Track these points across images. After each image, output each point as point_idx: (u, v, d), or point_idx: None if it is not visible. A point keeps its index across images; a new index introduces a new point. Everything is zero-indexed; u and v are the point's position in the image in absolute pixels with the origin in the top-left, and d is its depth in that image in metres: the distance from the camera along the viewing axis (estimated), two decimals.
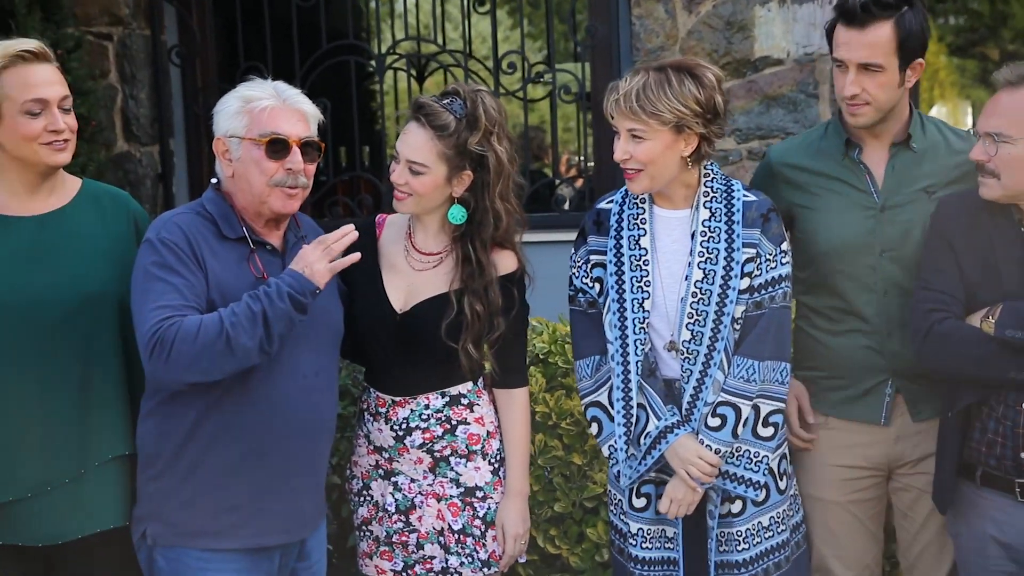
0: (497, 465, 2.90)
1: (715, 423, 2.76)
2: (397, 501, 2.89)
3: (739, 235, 2.77)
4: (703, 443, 2.75)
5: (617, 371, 2.81)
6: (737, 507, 2.83)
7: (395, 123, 6.60)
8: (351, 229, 2.58)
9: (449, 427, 2.86)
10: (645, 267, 2.80)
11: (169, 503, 2.62)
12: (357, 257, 2.60)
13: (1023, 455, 2.67)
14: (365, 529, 2.95)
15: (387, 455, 2.90)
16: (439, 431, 2.86)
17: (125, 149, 5.16)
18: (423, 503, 2.88)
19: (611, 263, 2.83)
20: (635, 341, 2.79)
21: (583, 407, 2.92)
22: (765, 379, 2.77)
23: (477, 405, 2.89)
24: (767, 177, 3.07)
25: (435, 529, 2.87)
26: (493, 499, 2.89)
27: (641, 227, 2.83)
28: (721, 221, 2.78)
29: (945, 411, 2.82)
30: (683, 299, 2.77)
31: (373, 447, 2.92)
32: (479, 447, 2.88)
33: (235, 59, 5.24)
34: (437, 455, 2.87)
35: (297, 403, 2.64)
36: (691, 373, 2.77)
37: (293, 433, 2.64)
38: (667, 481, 2.81)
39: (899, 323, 2.90)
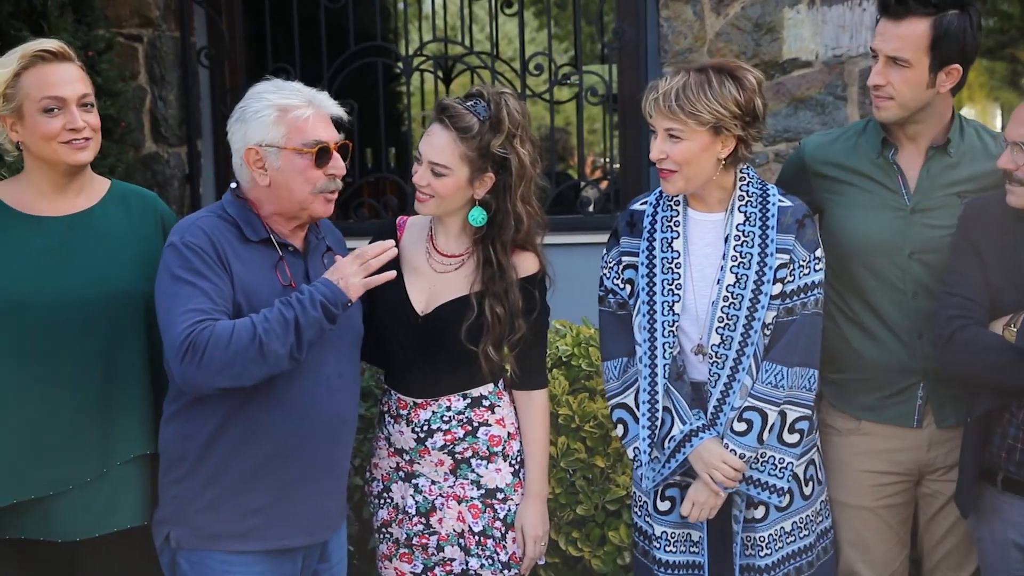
0: (518, 467, 2.90)
1: (741, 428, 2.74)
2: (417, 503, 2.89)
3: (773, 240, 2.75)
4: (728, 448, 2.74)
5: (644, 373, 2.80)
6: (760, 512, 2.81)
7: (421, 125, 6.62)
8: (391, 245, 2.56)
9: (470, 429, 2.86)
10: (677, 270, 2.79)
11: (193, 506, 2.61)
12: (392, 275, 2.59)
13: None
14: (385, 531, 2.96)
15: (408, 457, 2.90)
16: (460, 433, 2.86)
17: (153, 150, 5.19)
18: (443, 505, 2.88)
19: (643, 265, 2.82)
20: (663, 344, 2.78)
21: (609, 408, 2.91)
22: (793, 385, 2.75)
23: (498, 407, 2.89)
24: (799, 168, 3.05)
25: (455, 531, 2.87)
26: (514, 500, 2.88)
27: (674, 229, 2.81)
28: (755, 225, 2.76)
29: (966, 416, 2.81)
30: (714, 303, 2.76)
31: (394, 449, 2.92)
32: (500, 448, 2.88)
33: (263, 60, 5.26)
34: (458, 457, 2.87)
35: (321, 405, 2.64)
36: (719, 377, 2.75)
37: (317, 435, 2.64)
38: (691, 484, 2.80)
39: (928, 326, 2.87)
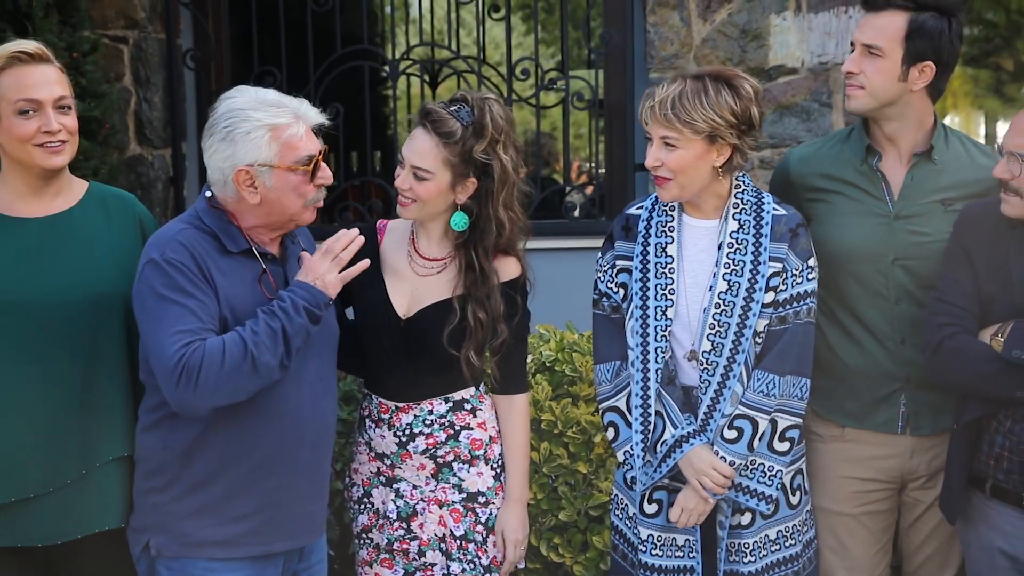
0: (499, 470, 2.89)
1: (731, 435, 2.75)
2: (399, 508, 2.89)
3: (766, 248, 2.76)
4: (718, 454, 2.74)
5: (636, 377, 2.81)
6: (747, 519, 2.82)
7: (407, 128, 6.61)
8: (356, 234, 2.56)
9: (452, 433, 2.86)
10: (670, 275, 2.80)
11: (176, 515, 2.57)
12: (367, 264, 2.58)
13: None
14: (365, 537, 2.94)
15: (389, 462, 2.89)
16: (442, 436, 2.85)
17: (137, 152, 5.17)
18: (425, 509, 2.87)
19: (637, 269, 2.82)
20: (656, 349, 2.78)
21: (600, 411, 2.91)
22: (784, 394, 2.75)
23: (480, 410, 2.89)
24: (784, 181, 3.06)
25: (437, 535, 2.87)
26: (495, 504, 2.88)
27: (669, 235, 2.82)
28: (749, 233, 2.77)
29: (953, 423, 2.81)
30: (705, 309, 2.76)
31: (375, 454, 2.92)
32: (482, 452, 2.87)
33: (249, 63, 5.25)
34: (440, 461, 2.86)
35: (305, 411, 2.63)
36: (709, 384, 2.76)
37: (302, 441, 2.63)
38: (679, 488, 2.80)
39: (912, 332, 2.88)
